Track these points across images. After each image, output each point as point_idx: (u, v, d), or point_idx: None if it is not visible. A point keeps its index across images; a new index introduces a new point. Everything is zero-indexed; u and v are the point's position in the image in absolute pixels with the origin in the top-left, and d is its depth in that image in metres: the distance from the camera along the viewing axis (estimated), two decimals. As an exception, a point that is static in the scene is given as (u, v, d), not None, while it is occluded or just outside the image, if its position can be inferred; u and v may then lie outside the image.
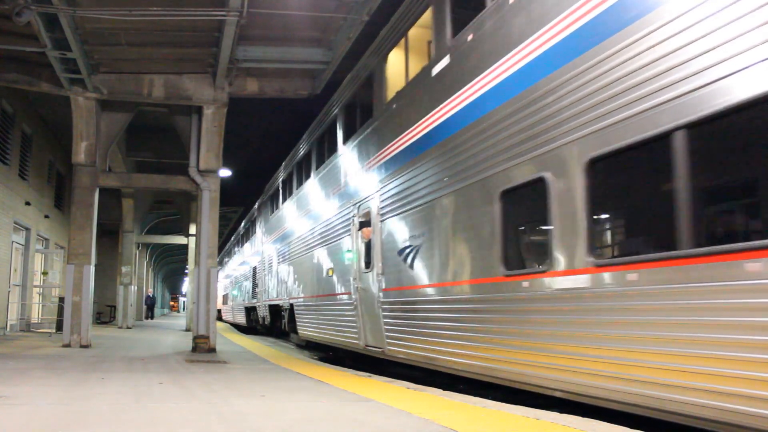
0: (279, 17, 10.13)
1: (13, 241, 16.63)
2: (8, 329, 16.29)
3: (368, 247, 9.39)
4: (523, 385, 5.51)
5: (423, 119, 7.56)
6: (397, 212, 8.27)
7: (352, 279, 10.03)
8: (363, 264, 9.58)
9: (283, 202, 16.41)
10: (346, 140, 10.71)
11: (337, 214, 10.92)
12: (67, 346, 11.73)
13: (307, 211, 13.30)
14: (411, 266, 7.85)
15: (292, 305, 14.78)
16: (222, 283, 36.24)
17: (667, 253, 3.99)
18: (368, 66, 9.72)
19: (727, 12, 3.68)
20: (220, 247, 35.36)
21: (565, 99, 5.01)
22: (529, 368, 5.34)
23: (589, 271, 4.66)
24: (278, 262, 16.53)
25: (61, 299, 15.98)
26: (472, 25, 6.62)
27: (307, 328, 13.34)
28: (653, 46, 4.21)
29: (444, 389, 6.55)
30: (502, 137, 5.88)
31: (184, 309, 56.40)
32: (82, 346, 11.78)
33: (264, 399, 5.70)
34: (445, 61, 7.20)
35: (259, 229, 19.90)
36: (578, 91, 4.86)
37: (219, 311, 35.76)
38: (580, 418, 4.67)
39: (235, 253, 30.27)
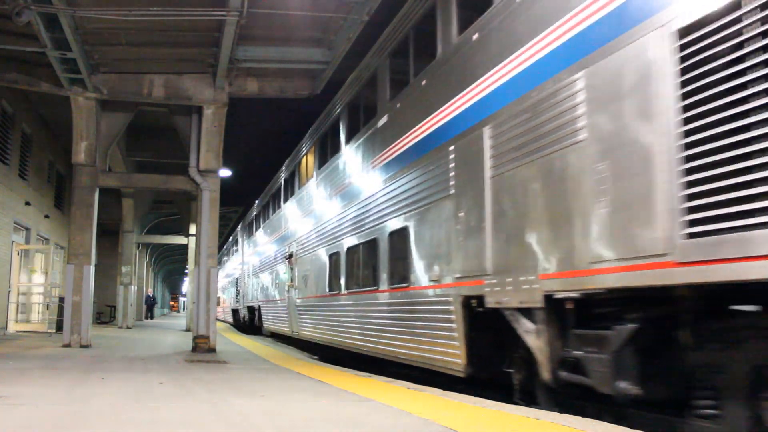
0: (279, 17, 10.13)
1: (13, 241, 16.63)
2: (7, 329, 16.29)
3: (292, 271, 15.15)
4: (347, 347, 10.53)
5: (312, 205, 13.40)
6: (302, 253, 14.21)
7: (285, 290, 15.75)
8: (290, 281, 15.32)
9: (255, 231, 22.29)
10: (284, 202, 16.84)
11: (280, 248, 16.78)
12: (67, 346, 11.73)
13: (268, 240, 18.96)
14: (306, 285, 13.68)
15: (259, 306, 20.42)
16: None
17: (405, 284, 8.08)
18: (298, 153, 15.01)
19: None
20: (220, 248, 35.41)
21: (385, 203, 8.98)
22: (350, 340, 10.31)
23: (387, 290, 8.77)
24: (252, 274, 22.22)
25: (61, 299, 15.97)
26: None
27: (266, 323, 19.00)
28: None
29: (444, 389, 6.56)
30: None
31: (184, 309, 56.41)
32: (82, 346, 11.78)
33: (264, 399, 5.70)
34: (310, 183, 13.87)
35: (242, 247, 25.93)
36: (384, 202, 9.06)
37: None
38: (579, 418, 4.67)
39: (226, 263, 36.26)
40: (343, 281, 10.75)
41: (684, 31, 3.74)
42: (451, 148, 6.75)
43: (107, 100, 12.31)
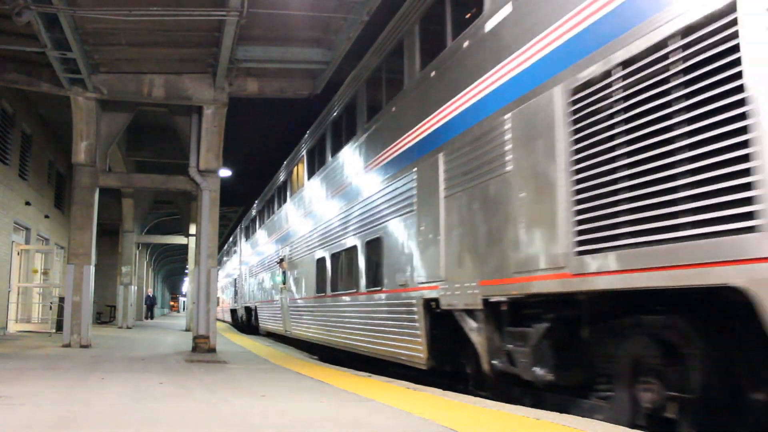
0: (279, 17, 10.13)
1: (13, 241, 16.63)
2: (7, 329, 16.29)
3: (284, 274, 16.16)
4: (331, 345, 11.57)
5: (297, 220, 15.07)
6: (293, 258, 15.16)
7: (279, 292, 16.74)
8: (282, 283, 16.34)
9: (252, 234, 23.26)
10: (277, 208, 17.95)
11: (275, 251, 17.70)
12: (67, 346, 11.73)
13: (263, 244, 19.96)
14: (296, 287, 14.57)
15: (255, 307, 21.41)
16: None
17: (379, 287, 8.90)
18: (291, 162, 16.17)
19: None
20: (219, 248, 35.45)
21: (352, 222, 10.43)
22: (331, 337, 11.45)
23: (364, 293, 9.63)
24: (249, 276, 23.11)
25: (61, 299, 15.97)
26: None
27: (262, 323, 19.86)
28: None
29: (444, 389, 6.57)
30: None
31: (184, 309, 56.41)
32: (82, 346, 11.78)
33: (264, 399, 5.71)
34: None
35: (239, 249, 26.72)
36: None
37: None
38: (579, 418, 4.67)
39: (225, 263, 36.92)
40: (328, 284, 11.73)
41: (576, 90, 4.64)
42: (414, 169, 7.73)
43: (107, 100, 12.31)
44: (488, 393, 6.28)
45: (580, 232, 4.50)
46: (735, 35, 3.38)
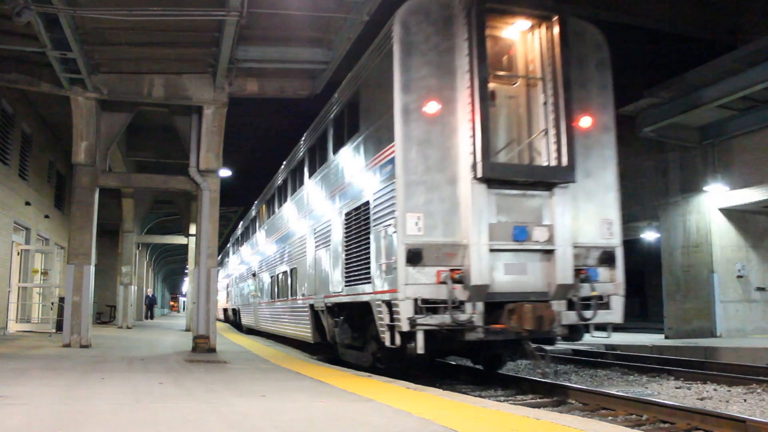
0: (279, 17, 10.12)
1: (13, 241, 16.63)
2: (7, 329, 16.29)
3: (255, 284, 20.47)
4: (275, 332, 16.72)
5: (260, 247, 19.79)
6: (260, 273, 19.37)
7: (253, 297, 21.05)
8: (254, 291, 20.74)
9: (237, 251, 27.73)
10: (251, 234, 22.25)
11: (249, 267, 22.20)
12: (67, 346, 11.73)
13: (244, 261, 24.56)
14: (262, 294, 18.94)
15: (239, 308, 26.14)
16: None
17: (286, 295, 14.42)
18: (260, 200, 20.12)
19: None
20: (222, 244, 35.53)
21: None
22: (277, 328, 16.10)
23: (288, 300, 14.26)
24: (236, 283, 27.63)
25: (61, 299, 15.97)
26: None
27: (243, 320, 24.45)
28: None
29: (444, 389, 6.57)
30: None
31: (184, 309, 56.39)
32: (82, 346, 11.77)
33: (264, 399, 5.70)
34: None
35: (229, 261, 31.96)
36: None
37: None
38: (579, 417, 4.68)
39: (220, 269, 41.68)
40: (275, 293, 16.31)
41: (347, 212, 9.50)
42: (314, 226, 11.87)
43: (107, 100, 12.30)
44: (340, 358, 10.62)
45: (347, 278, 9.39)
46: (367, 211, 8.52)
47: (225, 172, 14.70)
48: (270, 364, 9.63)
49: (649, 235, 21.33)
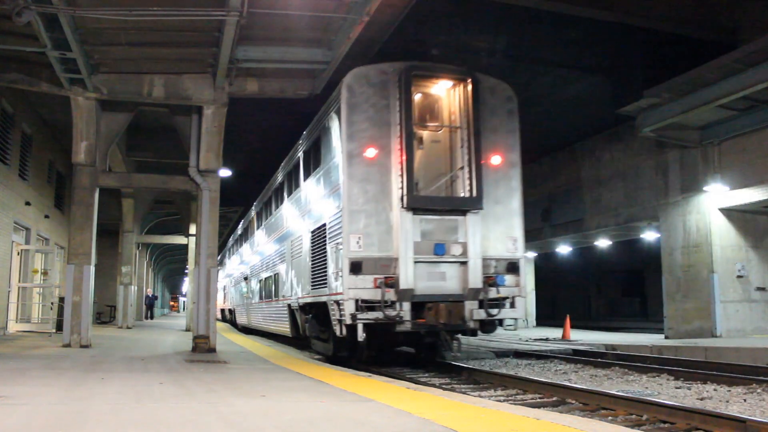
0: (279, 17, 10.11)
1: (13, 241, 16.62)
2: (7, 329, 16.28)
3: (247, 286, 22.55)
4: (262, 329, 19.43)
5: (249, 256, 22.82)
6: (251, 277, 21.43)
7: (245, 298, 23.35)
8: (246, 293, 22.89)
9: (232, 256, 30.67)
10: (244, 241, 24.73)
11: (243, 271, 24.33)
12: (67, 346, 11.73)
13: (238, 265, 26.96)
14: (252, 296, 20.87)
15: (234, 308, 28.51)
16: None
17: (271, 297, 16.87)
18: (250, 215, 23.40)
19: None
20: (220, 248, 35.58)
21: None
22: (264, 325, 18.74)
23: (273, 300, 16.72)
24: (231, 285, 30.04)
25: (61, 299, 15.97)
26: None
27: (237, 319, 26.49)
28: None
29: (444, 389, 6.56)
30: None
31: (184, 309, 56.38)
32: (82, 346, 11.77)
33: (264, 399, 5.71)
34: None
35: (226, 264, 34.36)
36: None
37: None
38: (579, 417, 4.68)
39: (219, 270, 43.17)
40: (263, 295, 18.55)
41: (312, 230, 11.72)
42: (290, 239, 14.13)
43: (107, 100, 12.30)
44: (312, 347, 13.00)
45: (312, 283, 11.49)
46: (325, 231, 10.76)
47: (225, 172, 14.66)
48: (270, 364, 9.64)
49: (649, 235, 21.31)
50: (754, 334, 16.02)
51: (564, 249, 26.95)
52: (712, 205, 16.15)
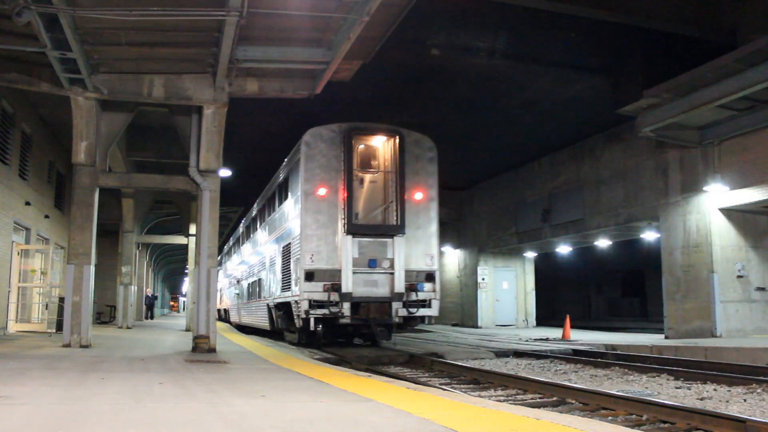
0: (279, 17, 10.11)
1: (13, 241, 16.62)
2: (7, 329, 16.29)
3: (239, 288, 25.52)
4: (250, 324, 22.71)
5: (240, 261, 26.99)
6: (242, 280, 24.68)
7: (237, 299, 26.19)
8: (238, 294, 26.00)
9: (228, 260, 33.71)
10: (239, 247, 27.19)
11: (236, 274, 27.50)
12: (67, 346, 11.72)
13: (232, 269, 30.06)
14: (243, 296, 24.48)
15: (229, 308, 31.57)
16: None
17: (255, 297, 20.76)
18: (240, 226, 28.02)
19: None
20: (220, 248, 35.63)
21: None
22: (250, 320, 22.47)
23: (257, 300, 20.65)
24: (226, 288, 33.35)
25: (61, 299, 15.97)
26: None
27: (231, 317, 29.52)
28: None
29: (444, 389, 6.57)
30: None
31: (184, 309, 56.38)
32: (82, 346, 11.77)
33: (264, 399, 5.71)
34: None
35: (224, 267, 37.06)
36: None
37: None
38: (579, 417, 4.68)
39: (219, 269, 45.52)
40: (250, 295, 21.77)
41: (283, 247, 15.50)
42: (269, 252, 17.55)
43: (107, 100, 12.29)
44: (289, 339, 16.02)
45: (282, 286, 15.23)
46: (290, 248, 14.62)
47: (225, 172, 14.64)
48: (270, 364, 9.63)
49: (649, 235, 21.31)
50: (754, 334, 16.02)
51: (564, 249, 26.93)
52: (712, 205, 16.15)
